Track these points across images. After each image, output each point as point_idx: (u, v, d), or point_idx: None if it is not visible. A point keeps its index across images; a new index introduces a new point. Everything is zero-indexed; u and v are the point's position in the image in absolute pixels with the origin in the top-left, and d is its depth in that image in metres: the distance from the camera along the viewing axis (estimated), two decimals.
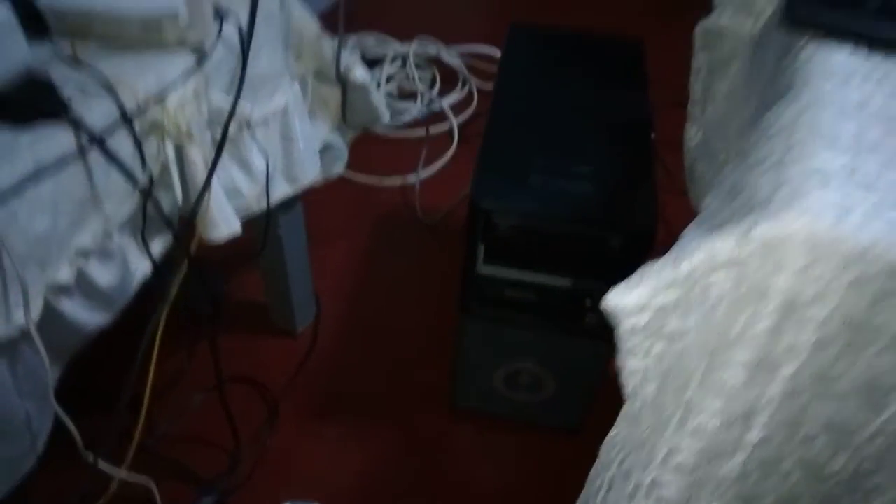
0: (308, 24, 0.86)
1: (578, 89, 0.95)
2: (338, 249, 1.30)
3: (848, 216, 0.34)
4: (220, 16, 0.71)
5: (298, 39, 0.85)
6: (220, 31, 0.70)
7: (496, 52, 1.64)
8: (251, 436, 1.01)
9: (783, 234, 0.34)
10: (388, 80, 1.65)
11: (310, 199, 1.04)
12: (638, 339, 0.40)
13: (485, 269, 0.85)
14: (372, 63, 1.67)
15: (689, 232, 0.41)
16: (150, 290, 0.72)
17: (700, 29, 0.68)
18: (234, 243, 0.78)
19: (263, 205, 0.87)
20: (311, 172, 0.93)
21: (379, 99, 1.03)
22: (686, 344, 0.40)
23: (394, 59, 1.68)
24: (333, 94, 0.99)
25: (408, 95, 1.62)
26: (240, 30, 0.73)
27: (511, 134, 0.87)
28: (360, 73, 0.94)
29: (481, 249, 0.83)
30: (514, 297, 0.87)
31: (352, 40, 1.71)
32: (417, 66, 1.68)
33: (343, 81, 0.95)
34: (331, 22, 1.63)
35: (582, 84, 0.96)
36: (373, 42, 1.71)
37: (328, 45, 0.89)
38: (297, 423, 1.04)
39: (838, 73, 0.44)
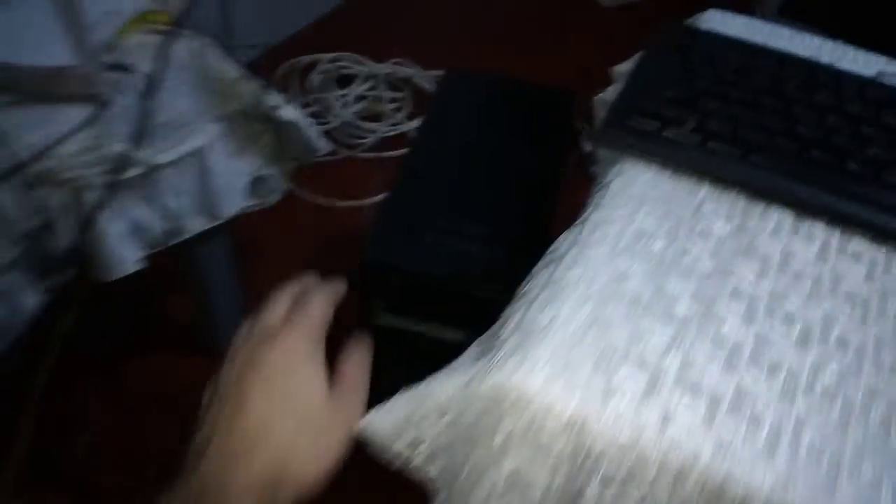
0: (227, 68, 0.88)
1: (499, 142, 0.96)
2: (281, 269, 1.33)
3: (561, 380, 0.35)
4: (122, 67, 0.74)
5: (219, 84, 0.88)
6: (122, 81, 0.73)
7: None
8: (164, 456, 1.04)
9: (499, 389, 0.35)
10: (358, 100, 1.67)
11: (257, 221, 1.07)
12: (410, 461, 0.41)
13: (384, 320, 0.87)
14: (345, 82, 1.69)
15: (464, 356, 0.42)
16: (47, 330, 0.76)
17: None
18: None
19: (176, 239, 0.90)
20: (231, 206, 0.96)
21: (312, 133, 1.06)
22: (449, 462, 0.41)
23: (366, 79, 1.70)
24: (266, 130, 1.01)
25: (376, 117, 1.64)
26: (149, 77, 0.76)
27: (421, 185, 0.89)
28: (287, 111, 0.97)
29: (378, 302, 0.85)
30: (412, 349, 0.89)
31: (327, 58, 1.73)
32: (393, 88, 1.70)
33: (271, 119, 0.97)
34: (306, 43, 1.65)
35: (504, 136, 0.97)
36: (347, 61, 1.73)
37: (250, 86, 0.91)
38: None
39: (632, 198, 0.44)
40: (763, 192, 0.44)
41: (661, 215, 0.43)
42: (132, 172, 0.77)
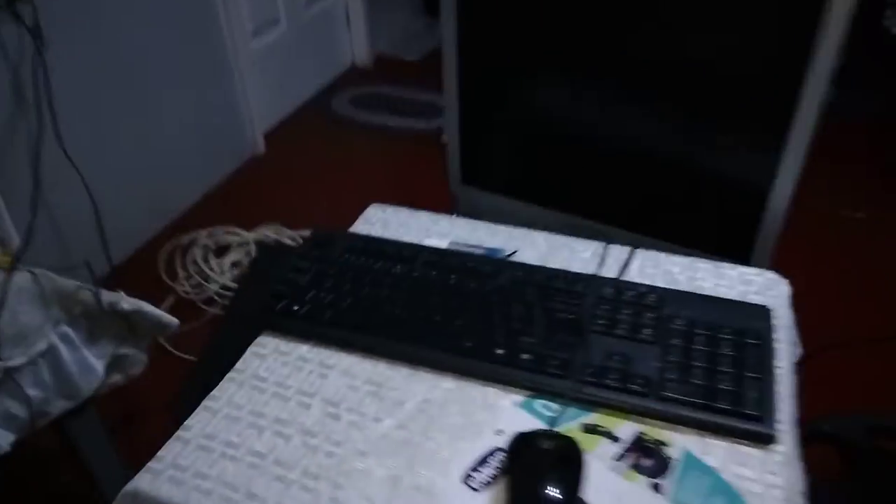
0: (64, 283, 1.13)
1: None
2: (157, 426, 1.53)
3: None
4: None
5: (58, 296, 1.12)
6: None
7: None
8: None
9: None
10: (233, 265, 1.93)
11: (135, 388, 1.28)
12: None
13: None
14: (222, 252, 1.96)
15: None
16: None
17: None
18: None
19: (44, 421, 1.12)
20: (90, 387, 1.18)
21: (157, 312, 1.30)
22: None
23: (240, 245, 1.97)
24: (114, 321, 1.25)
25: None
26: None
27: None
28: (125, 302, 1.21)
29: None
30: None
31: (204, 234, 2.00)
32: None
33: (115, 313, 1.22)
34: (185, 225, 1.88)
35: None
36: (221, 232, 2.01)
37: (86, 294, 1.16)
38: None
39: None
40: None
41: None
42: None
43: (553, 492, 0.51)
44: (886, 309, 1.78)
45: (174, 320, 1.35)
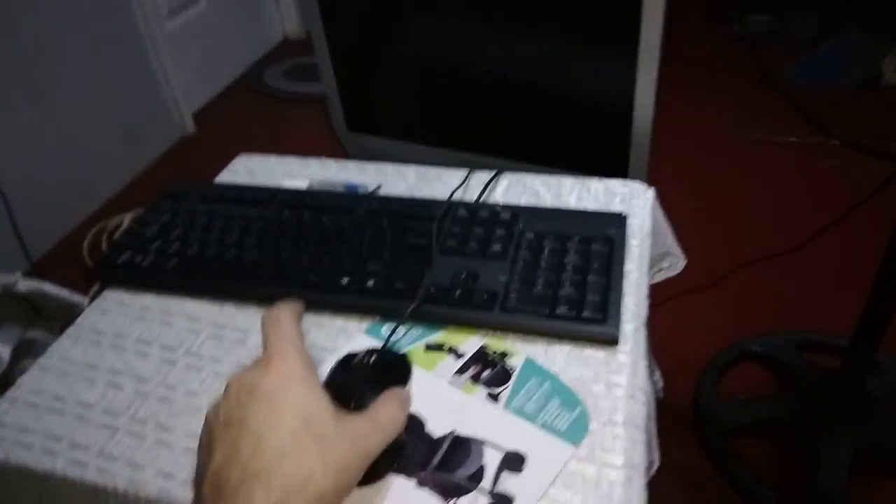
0: None
1: None
2: None
3: None
4: None
5: None
6: None
7: None
8: None
9: None
10: None
11: None
12: None
13: None
14: None
15: None
16: None
17: None
18: None
19: None
20: None
21: (61, 292, 1.27)
22: None
23: None
24: (17, 305, 1.22)
25: None
26: None
27: None
28: (22, 284, 1.18)
29: None
30: None
31: (131, 215, 1.96)
32: None
33: (12, 295, 1.19)
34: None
35: None
36: None
37: None
38: None
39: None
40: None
41: None
42: None
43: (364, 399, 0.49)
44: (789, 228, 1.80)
45: (83, 300, 1.32)
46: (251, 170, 0.86)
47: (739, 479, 1.27)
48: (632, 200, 0.75)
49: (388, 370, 0.55)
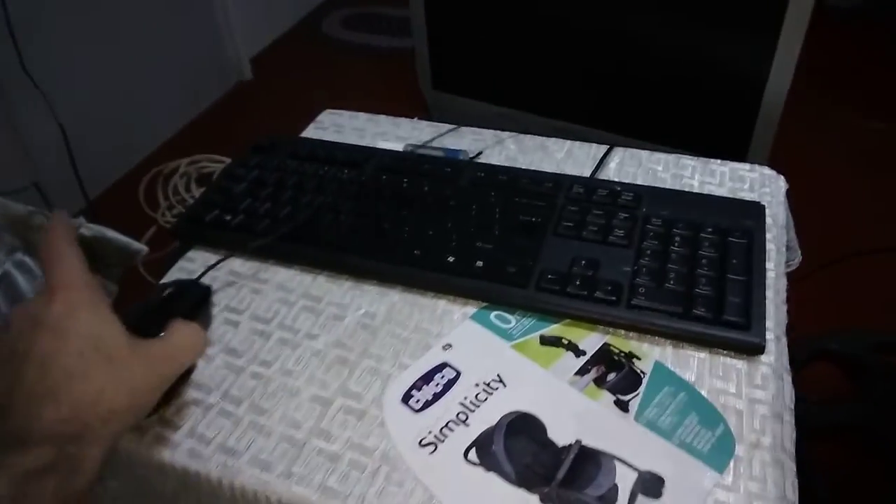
0: (15, 207, 1.06)
1: None
2: None
3: None
4: None
5: (9, 220, 1.05)
6: None
7: None
8: None
9: None
10: None
11: None
12: None
13: None
14: (205, 181, 1.88)
15: None
16: None
17: None
18: None
19: None
20: None
21: (122, 238, 1.23)
22: None
23: None
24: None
25: None
26: None
27: None
28: (85, 228, 1.14)
29: None
30: None
31: (185, 161, 1.92)
32: None
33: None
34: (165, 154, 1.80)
35: None
36: (204, 161, 1.93)
37: (41, 217, 1.09)
38: None
39: None
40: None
41: None
42: None
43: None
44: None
45: (142, 247, 1.27)
46: (339, 126, 0.80)
47: (814, 484, 1.21)
48: (762, 188, 0.68)
49: (187, 300, 0.53)
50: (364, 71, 2.45)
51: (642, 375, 0.52)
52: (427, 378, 0.52)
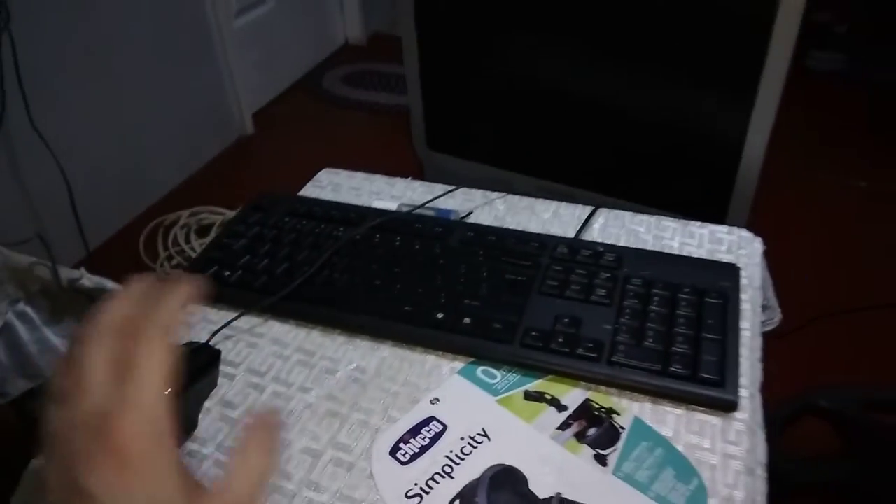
0: (18, 258, 1.09)
1: None
2: None
3: None
4: None
5: (12, 272, 1.08)
6: None
7: None
8: None
9: None
10: None
11: None
12: None
13: None
14: (205, 232, 1.92)
15: None
16: None
17: None
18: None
19: (3, 400, 1.08)
20: (50, 367, 1.15)
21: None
22: None
23: (223, 224, 1.93)
24: (77, 299, 1.21)
25: None
26: None
27: None
28: (87, 279, 1.17)
29: None
30: None
31: (186, 213, 1.96)
32: None
33: (77, 290, 1.18)
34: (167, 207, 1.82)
35: None
36: (204, 213, 1.97)
37: (41, 269, 1.11)
38: None
39: None
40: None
41: None
42: None
43: None
44: (879, 279, 1.72)
45: None
46: (336, 185, 0.84)
47: None
48: (739, 250, 0.71)
49: (195, 362, 0.54)
50: (363, 127, 2.51)
51: (621, 430, 0.54)
52: (414, 431, 0.54)
